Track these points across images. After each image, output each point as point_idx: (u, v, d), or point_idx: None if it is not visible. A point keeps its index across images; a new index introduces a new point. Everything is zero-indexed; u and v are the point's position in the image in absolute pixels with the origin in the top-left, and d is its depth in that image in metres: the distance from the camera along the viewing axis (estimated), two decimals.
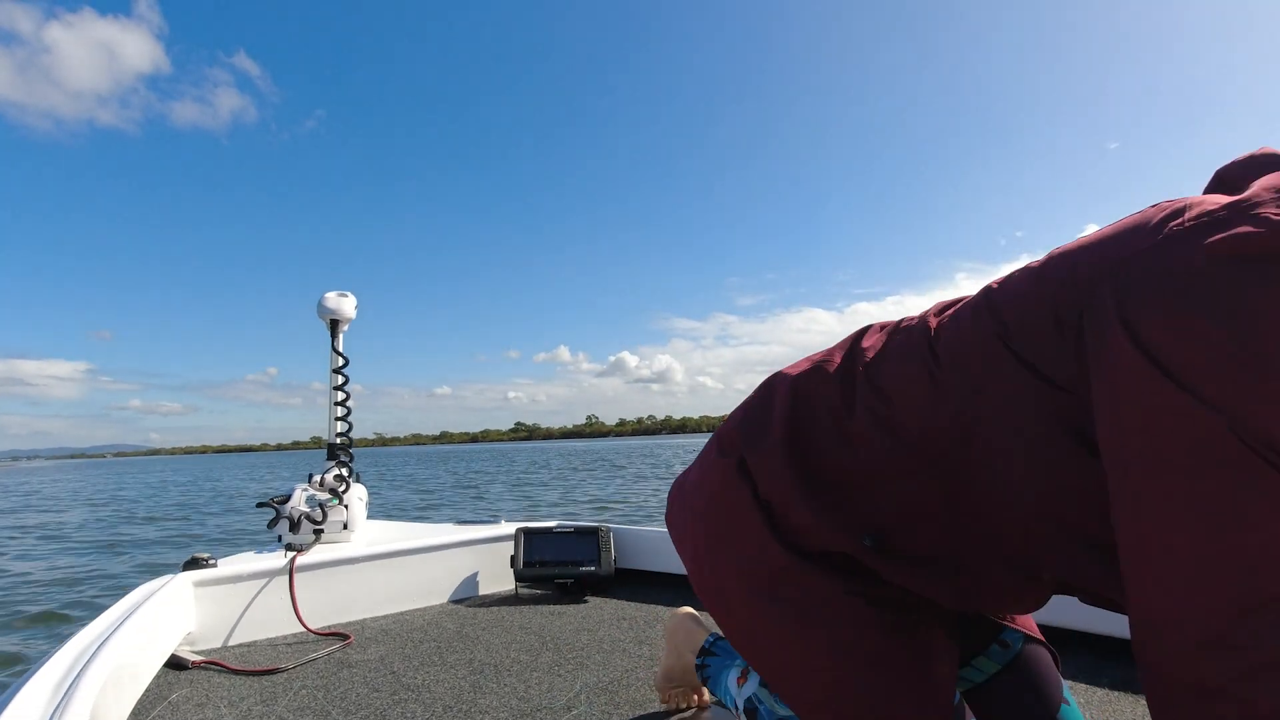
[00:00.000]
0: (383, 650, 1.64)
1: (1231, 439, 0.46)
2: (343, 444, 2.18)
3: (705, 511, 0.81)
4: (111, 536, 8.78)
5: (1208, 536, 0.47)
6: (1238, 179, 0.60)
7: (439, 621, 1.87)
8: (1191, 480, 0.47)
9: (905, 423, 0.66)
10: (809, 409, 0.74)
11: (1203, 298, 0.46)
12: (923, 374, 0.65)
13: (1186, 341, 0.47)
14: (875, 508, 0.69)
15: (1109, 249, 0.54)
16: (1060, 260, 0.59)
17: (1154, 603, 0.50)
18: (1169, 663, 0.50)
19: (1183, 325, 0.47)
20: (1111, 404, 0.51)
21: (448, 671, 1.49)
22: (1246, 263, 0.46)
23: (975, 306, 0.65)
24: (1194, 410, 0.47)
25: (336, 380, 2.20)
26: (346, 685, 1.43)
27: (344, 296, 2.22)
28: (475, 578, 2.14)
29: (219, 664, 1.56)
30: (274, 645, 1.71)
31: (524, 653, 1.59)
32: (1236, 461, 0.46)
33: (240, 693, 1.41)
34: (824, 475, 0.71)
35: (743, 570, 0.75)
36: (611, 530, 2.18)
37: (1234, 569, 0.47)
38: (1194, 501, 0.48)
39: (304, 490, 2.00)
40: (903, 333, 0.72)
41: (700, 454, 0.88)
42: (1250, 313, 0.45)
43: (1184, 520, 0.48)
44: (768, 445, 0.74)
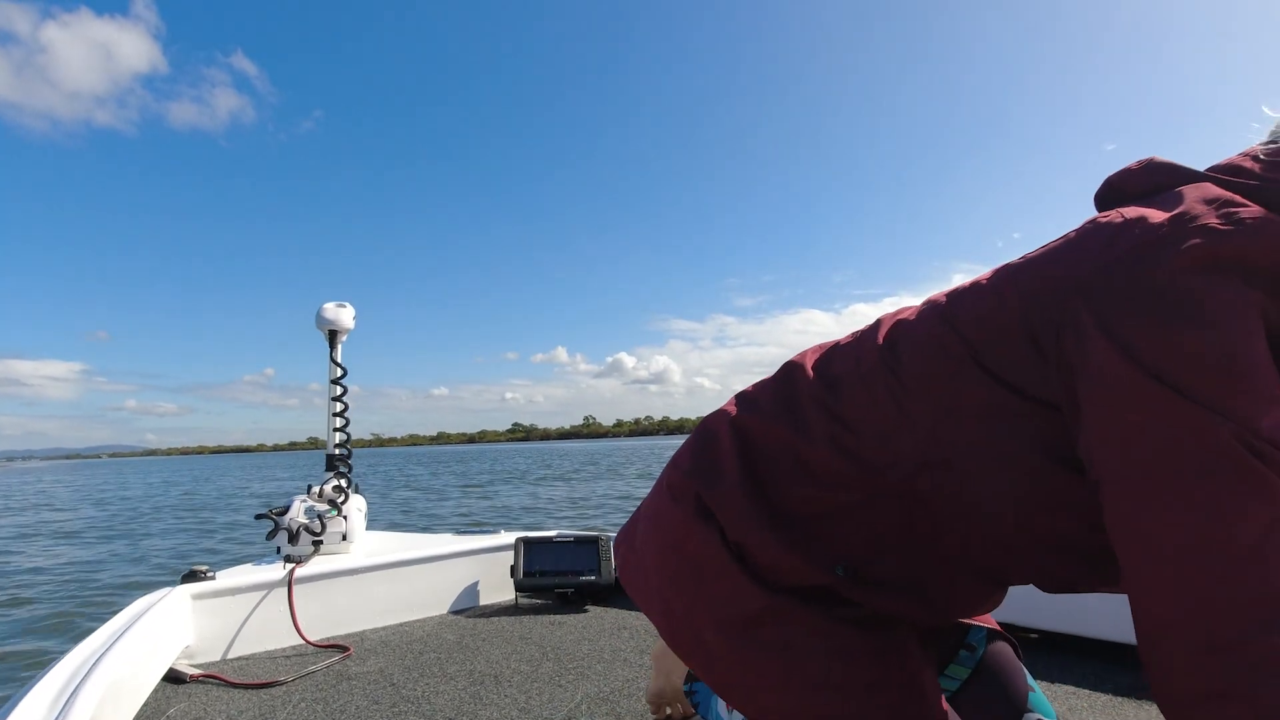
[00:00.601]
0: (382, 662, 1.64)
1: (1228, 437, 0.48)
2: (341, 455, 2.18)
3: (668, 563, 0.77)
4: (130, 533, 8.75)
5: (1215, 536, 0.48)
6: (1141, 188, 0.64)
7: (439, 632, 1.86)
8: (1195, 481, 0.49)
9: (871, 450, 0.66)
10: (760, 445, 0.73)
11: (1179, 307, 0.50)
12: (888, 399, 0.65)
13: (1173, 349, 0.50)
14: (845, 537, 0.68)
15: (1069, 266, 0.57)
16: (1015, 277, 0.61)
17: (1162, 606, 0.51)
18: (1179, 665, 0.51)
19: (1167, 334, 0.50)
20: (1106, 415, 0.53)
21: (448, 683, 1.48)
22: (1205, 271, 0.51)
23: (931, 327, 0.65)
24: (1192, 412, 0.49)
25: (335, 390, 2.19)
26: (346, 698, 1.42)
27: (342, 307, 2.22)
28: (475, 588, 2.14)
29: (217, 677, 1.55)
30: (273, 658, 1.70)
31: (525, 663, 1.59)
32: (1235, 459, 0.48)
33: (239, 706, 1.40)
34: (789, 510, 0.70)
35: (720, 618, 0.72)
36: (611, 539, 2.17)
37: (1241, 568, 0.48)
38: (1199, 503, 0.49)
39: (303, 502, 2.00)
40: (851, 357, 0.71)
41: (646, 506, 0.84)
42: (1218, 316, 0.50)
43: (1190, 522, 0.49)
44: (726, 487, 0.73)
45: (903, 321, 0.70)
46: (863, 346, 0.71)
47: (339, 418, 2.20)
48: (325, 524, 1.95)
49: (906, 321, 0.70)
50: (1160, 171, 0.64)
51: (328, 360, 2.20)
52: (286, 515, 1.94)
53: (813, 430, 0.69)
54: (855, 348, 0.72)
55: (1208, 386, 0.49)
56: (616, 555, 0.89)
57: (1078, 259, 0.57)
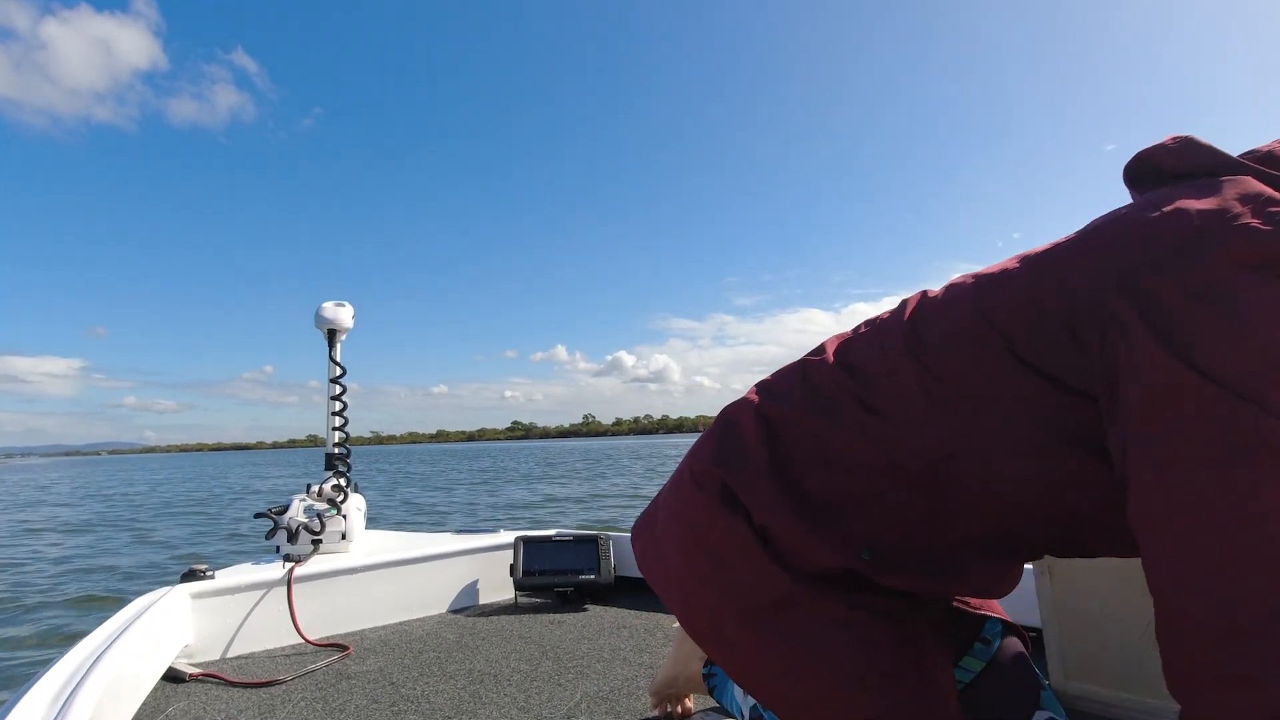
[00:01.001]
0: (382, 661, 1.64)
1: (1269, 426, 0.49)
2: (341, 454, 2.18)
3: (690, 551, 0.77)
4: (128, 532, 8.75)
5: (1251, 521, 0.49)
6: (1177, 167, 0.65)
7: (438, 631, 1.86)
8: (1233, 469, 0.50)
9: (901, 437, 0.66)
10: (785, 433, 0.74)
11: (1221, 304, 0.52)
12: (918, 389, 0.66)
13: (1216, 344, 0.51)
14: (870, 521, 0.69)
15: (1110, 259, 0.57)
16: (1053, 268, 0.61)
17: (1190, 589, 0.52)
18: (1201, 646, 0.51)
19: (1209, 330, 0.51)
20: (1149, 407, 0.53)
21: (447, 682, 1.48)
22: (1246, 270, 0.52)
23: (962, 318, 0.66)
24: (1233, 403, 0.50)
25: (334, 390, 2.19)
26: (345, 697, 1.42)
27: (341, 306, 2.22)
28: (474, 587, 2.14)
29: (217, 676, 1.55)
30: (272, 657, 1.70)
31: (524, 662, 1.59)
32: (1274, 447, 0.49)
33: (238, 705, 1.40)
34: (816, 495, 0.71)
35: (741, 606, 0.73)
36: (611, 538, 2.17)
37: (1274, 551, 0.49)
38: (1236, 489, 0.50)
39: (302, 501, 2.00)
40: (876, 345, 0.72)
41: (665, 496, 0.85)
42: (1259, 313, 0.51)
43: (1227, 507, 0.50)
44: (752, 472, 0.73)
45: (929, 309, 0.70)
46: (888, 335, 0.72)
47: (338, 416, 2.20)
48: (324, 523, 1.95)
49: (933, 309, 0.70)
50: (1199, 153, 0.63)
51: (327, 359, 2.20)
52: (286, 514, 1.94)
53: (842, 418, 0.70)
54: (879, 336, 0.73)
55: (1249, 380, 0.50)
56: (635, 544, 0.89)
57: (1119, 253, 0.57)
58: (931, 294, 0.73)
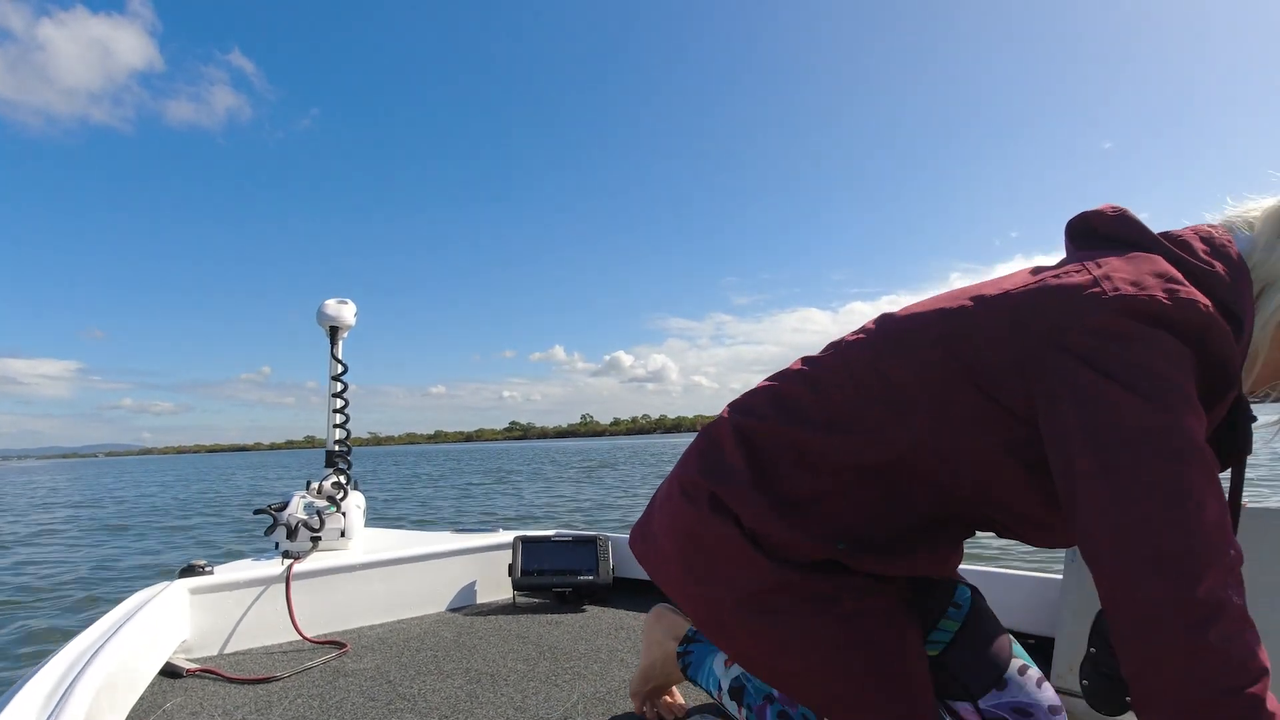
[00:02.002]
0: (379, 659, 1.64)
1: (1185, 433, 0.64)
2: (341, 451, 2.18)
3: (689, 555, 0.88)
4: (127, 529, 8.75)
5: (1187, 511, 0.63)
6: (1109, 233, 0.80)
7: (436, 630, 1.86)
8: (1166, 466, 0.64)
9: (865, 449, 0.79)
10: (761, 444, 0.86)
11: (1143, 340, 0.67)
12: (881, 406, 0.79)
13: (1142, 369, 0.66)
14: (842, 516, 0.81)
15: (1052, 310, 0.72)
16: (1002, 314, 0.75)
17: (1125, 573, 0.64)
18: (1138, 619, 0.63)
19: (1135, 359, 0.67)
20: (1087, 424, 0.67)
21: (444, 681, 1.48)
22: (1155, 325, 0.68)
23: (923, 348, 0.78)
24: (1161, 412, 0.65)
25: (335, 387, 2.19)
26: (342, 694, 1.42)
27: (343, 304, 2.21)
28: (473, 586, 2.13)
29: (214, 672, 1.55)
30: (269, 653, 1.70)
31: (521, 662, 1.59)
32: (1197, 448, 0.65)
33: (235, 701, 1.40)
34: (793, 497, 0.82)
35: (738, 596, 0.83)
36: (610, 539, 2.17)
37: (1209, 536, 0.62)
38: (1170, 484, 0.64)
39: (302, 497, 2.00)
40: (840, 366, 0.84)
41: (660, 505, 0.95)
42: (1170, 351, 0.67)
43: (1163, 499, 0.63)
44: (736, 483, 0.84)
45: (890, 334, 0.83)
46: (850, 355, 0.84)
47: (339, 414, 2.20)
48: (324, 520, 1.95)
49: (894, 334, 0.82)
50: (1129, 226, 0.80)
51: (328, 357, 2.20)
52: (285, 511, 1.94)
53: (809, 429, 0.82)
54: (842, 356, 0.85)
55: (1170, 396, 0.65)
56: (635, 550, 0.99)
57: (1059, 305, 0.71)
58: (892, 318, 0.84)
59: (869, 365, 0.81)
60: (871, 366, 0.80)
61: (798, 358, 0.94)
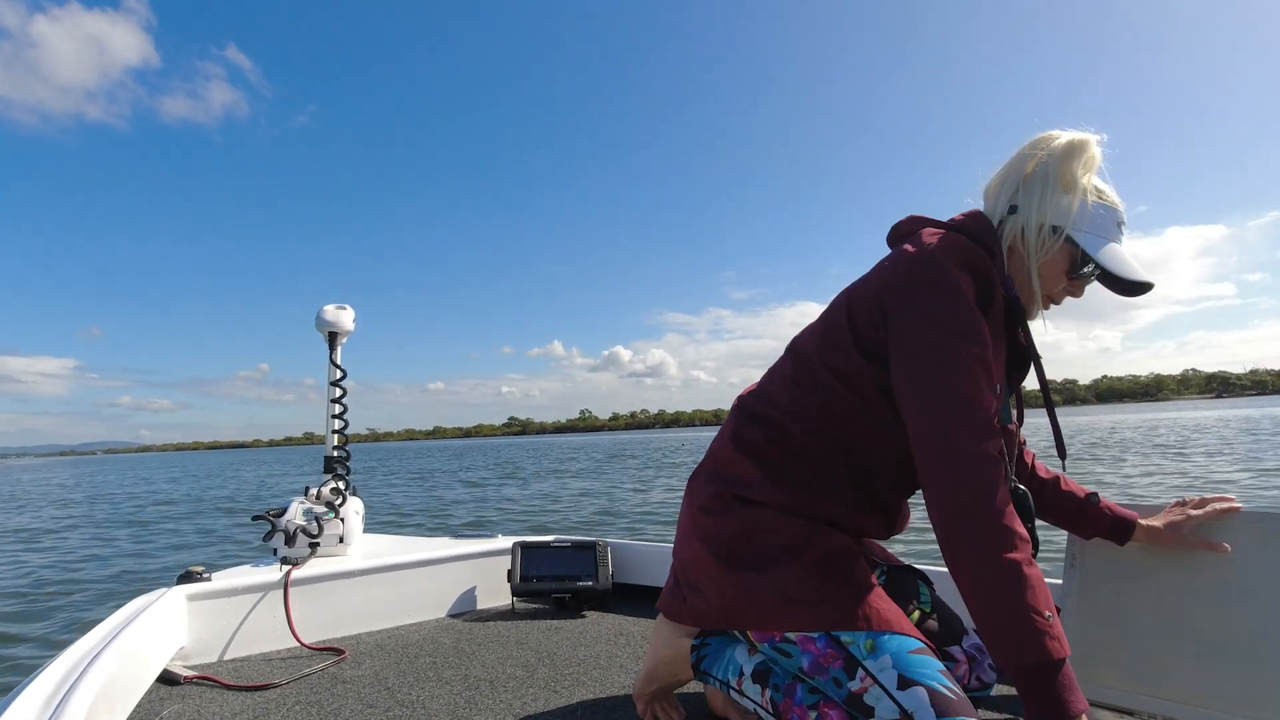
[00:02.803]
0: (377, 665, 1.63)
1: (972, 353, 0.99)
2: (340, 457, 2.17)
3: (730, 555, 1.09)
4: (125, 532, 8.72)
5: (967, 400, 0.97)
6: (907, 230, 1.16)
7: (435, 636, 1.86)
8: (955, 374, 0.98)
9: (821, 425, 1.10)
10: (757, 444, 1.13)
11: (938, 284, 1.02)
12: (817, 390, 1.10)
13: (940, 309, 1.01)
14: (827, 480, 1.10)
15: (882, 278, 1.07)
16: (868, 294, 1.08)
17: (931, 444, 0.98)
18: (937, 472, 0.97)
19: (936, 300, 1.01)
20: (907, 351, 1.01)
21: (443, 687, 1.48)
22: (945, 265, 1.02)
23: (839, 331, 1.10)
24: (953, 342, 0.99)
25: (334, 393, 2.19)
26: (340, 701, 1.42)
27: (342, 309, 2.21)
28: (472, 592, 2.13)
29: (211, 679, 1.54)
30: (268, 660, 1.69)
31: (520, 668, 1.58)
32: (981, 363, 0.99)
33: (233, 708, 1.39)
34: (795, 477, 1.10)
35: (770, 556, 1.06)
36: (609, 545, 2.17)
37: (978, 412, 0.97)
38: (959, 384, 0.98)
39: (300, 503, 1.99)
40: (786, 367, 1.17)
41: (688, 543, 1.16)
42: (960, 289, 1.01)
43: (952, 395, 0.98)
44: (754, 481, 1.11)
45: (798, 339, 1.18)
46: (794, 357, 1.16)
47: (338, 420, 2.20)
48: (322, 526, 1.95)
49: (814, 332, 1.15)
50: (919, 221, 1.16)
51: (327, 362, 2.20)
52: (283, 517, 1.93)
53: (780, 422, 1.12)
54: (789, 360, 1.17)
55: (962, 329, 0.99)
56: (667, 610, 1.18)
57: (890, 275, 1.06)
58: (810, 324, 1.18)
59: (802, 357, 1.14)
60: (803, 358, 1.14)
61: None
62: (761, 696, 1.08)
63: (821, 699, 1.03)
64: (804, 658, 1.03)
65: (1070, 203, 1.09)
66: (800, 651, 1.03)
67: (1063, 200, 1.10)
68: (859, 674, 0.97)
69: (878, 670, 0.96)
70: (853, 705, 0.98)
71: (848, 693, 0.98)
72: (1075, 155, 1.10)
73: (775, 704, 1.07)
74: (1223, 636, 1.18)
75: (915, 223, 1.16)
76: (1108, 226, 1.10)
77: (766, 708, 1.08)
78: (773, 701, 1.07)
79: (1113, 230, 1.11)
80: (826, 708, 1.01)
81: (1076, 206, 1.09)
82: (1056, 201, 1.10)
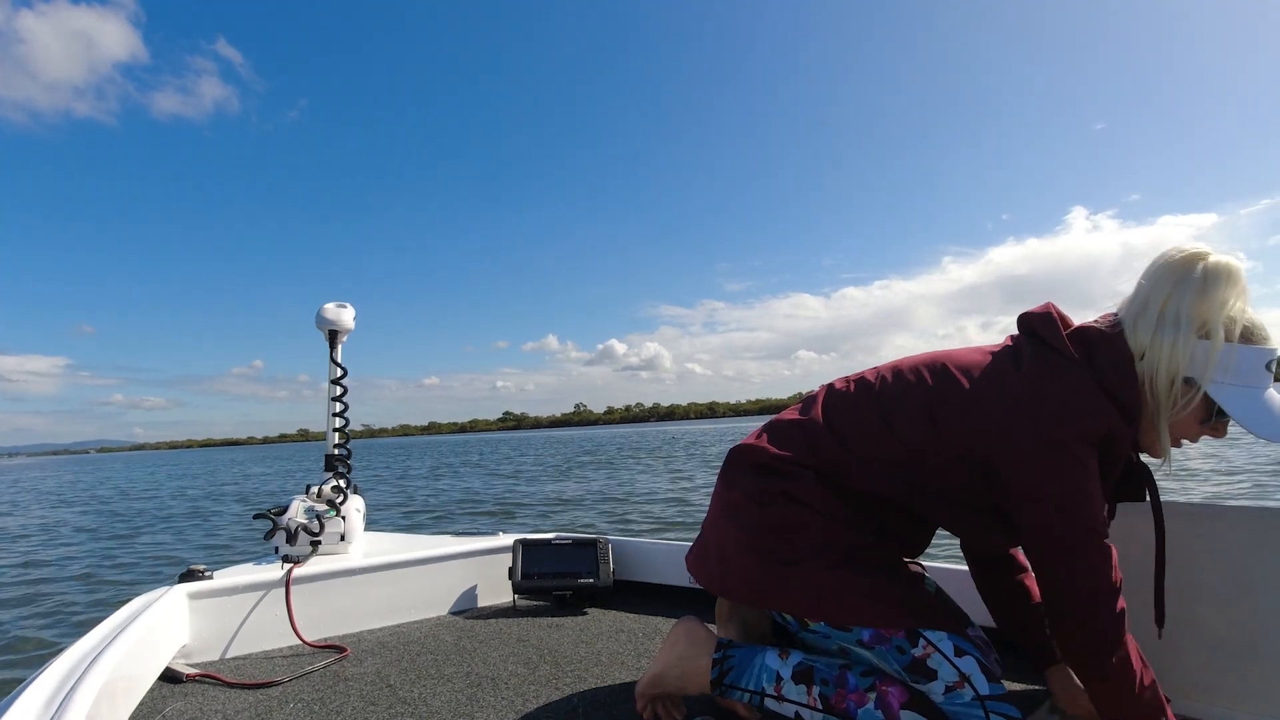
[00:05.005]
0: (379, 663, 1.63)
1: (1090, 527, 0.99)
2: (341, 455, 2.17)
3: (769, 544, 1.10)
4: (126, 531, 8.74)
5: (1100, 582, 0.99)
6: (1038, 331, 1.07)
7: (436, 634, 1.86)
8: (1082, 546, 1.00)
9: (891, 497, 1.10)
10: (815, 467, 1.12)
11: (1062, 455, 0.99)
12: (898, 476, 1.09)
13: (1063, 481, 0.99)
14: (876, 525, 1.11)
15: (1004, 419, 1.02)
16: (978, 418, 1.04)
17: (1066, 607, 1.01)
18: (1076, 643, 1.01)
19: (1058, 472, 0.99)
20: (1032, 510, 1.01)
21: (445, 684, 1.48)
22: (1075, 440, 1.00)
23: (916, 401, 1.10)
24: (1075, 516, 0.99)
25: (335, 391, 2.19)
26: (342, 698, 1.42)
27: (343, 308, 2.21)
28: (473, 590, 2.13)
29: (214, 677, 1.55)
30: (269, 658, 1.70)
31: (522, 665, 1.58)
32: (1100, 538, 0.99)
33: (235, 706, 1.40)
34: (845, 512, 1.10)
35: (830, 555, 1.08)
36: (610, 542, 2.17)
37: (1109, 601, 0.99)
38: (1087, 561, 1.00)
39: (301, 502, 2.00)
40: (854, 411, 1.14)
41: (725, 522, 1.16)
42: (1082, 464, 0.99)
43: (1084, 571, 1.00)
44: (802, 478, 1.11)
45: (894, 400, 1.11)
46: (863, 408, 1.13)
47: (339, 418, 2.20)
48: (324, 524, 1.95)
49: (896, 402, 1.11)
50: (1057, 328, 1.05)
51: (328, 360, 2.20)
52: (285, 515, 1.93)
53: (846, 471, 1.11)
54: (856, 403, 1.14)
55: (1078, 501, 0.98)
56: (696, 572, 1.20)
57: (1010, 415, 1.01)
58: (890, 382, 1.14)
59: (877, 416, 1.11)
60: (878, 419, 1.11)
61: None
62: (809, 696, 1.07)
63: (878, 679, 1.05)
64: (865, 631, 1.06)
65: (1208, 351, 0.95)
66: (861, 627, 1.07)
67: (1199, 349, 0.96)
68: (921, 642, 1.04)
69: (937, 640, 1.04)
70: (915, 670, 1.04)
71: (911, 659, 1.04)
72: (1214, 289, 0.95)
73: (826, 699, 1.06)
74: (1221, 632, 1.18)
75: (1054, 331, 1.05)
76: (1254, 372, 0.96)
77: (815, 705, 1.07)
78: (822, 697, 1.06)
79: (1260, 375, 0.96)
80: (885, 686, 1.04)
81: (1215, 356, 0.95)
82: (1190, 350, 0.96)
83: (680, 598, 2.08)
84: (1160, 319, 0.98)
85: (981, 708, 1.00)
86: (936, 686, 1.02)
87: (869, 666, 1.08)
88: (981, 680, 1.02)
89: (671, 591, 2.13)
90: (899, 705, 1.02)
